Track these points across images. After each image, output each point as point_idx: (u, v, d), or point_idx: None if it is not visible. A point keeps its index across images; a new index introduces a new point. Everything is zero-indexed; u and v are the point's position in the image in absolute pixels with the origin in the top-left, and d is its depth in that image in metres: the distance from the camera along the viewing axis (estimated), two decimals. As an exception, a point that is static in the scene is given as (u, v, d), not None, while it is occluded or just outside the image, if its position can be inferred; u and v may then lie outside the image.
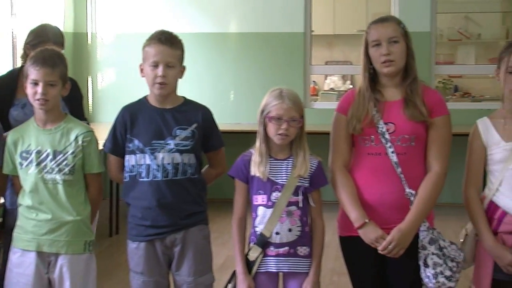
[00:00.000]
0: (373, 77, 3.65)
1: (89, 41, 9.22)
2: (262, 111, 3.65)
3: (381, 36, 3.58)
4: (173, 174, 3.72)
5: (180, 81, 3.78)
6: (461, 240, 3.72)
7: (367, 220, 3.51)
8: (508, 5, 10.79)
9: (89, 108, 9.10)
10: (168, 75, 3.68)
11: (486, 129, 3.65)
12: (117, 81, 9.16)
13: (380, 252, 3.50)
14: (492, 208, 3.59)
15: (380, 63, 3.58)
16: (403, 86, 3.62)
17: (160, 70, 3.66)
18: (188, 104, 3.84)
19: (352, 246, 3.65)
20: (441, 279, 3.50)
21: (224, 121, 4.23)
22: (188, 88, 4.26)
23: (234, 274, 3.69)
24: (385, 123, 3.58)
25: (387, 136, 3.56)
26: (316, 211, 3.69)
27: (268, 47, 8.92)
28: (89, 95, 9.13)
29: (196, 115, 3.81)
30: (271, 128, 3.61)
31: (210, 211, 3.95)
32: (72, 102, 4.45)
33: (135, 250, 3.80)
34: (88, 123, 4.20)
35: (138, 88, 4.16)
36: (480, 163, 3.66)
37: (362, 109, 3.60)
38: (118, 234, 7.48)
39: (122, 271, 5.59)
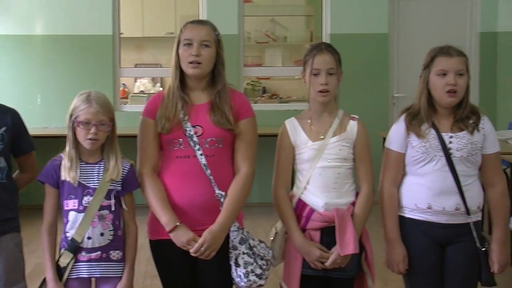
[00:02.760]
0: (181, 79, 3.66)
1: None
2: (71, 116, 3.57)
3: (194, 36, 3.59)
4: (-18, 179, 3.59)
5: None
6: (271, 238, 3.80)
7: (178, 223, 3.51)
8: (311, 9, 11.14)
9: None
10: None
11: (294, 129, 3.74)
12: None
13: (192, 254, 3.52)
14: (300, 206, 3.69)
15: (187, 62, 3.59)
16: (210, 90, 3.64)
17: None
18: (-5, 108, 3.72)
19: (162, 249, 3.65)
20: (252, 277, 3.56)
21: (31, 126, 4.10)
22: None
23: (44, 281, 3.59)
24: (193, 126, 3.60)
25: (195, 138, 3.58)
26: (129, 214, 3.66)
27: (76, 50, 8.73)
28: None
29: (4, 118, 3.69)
30: (80, 133, 3.54)
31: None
32: None
33: None
34: None
35: None
36: (289, 163, 3.75)
37: (171, 108, 3.60)
38: None
39: None
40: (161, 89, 11.30)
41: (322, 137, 3.69)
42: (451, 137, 3.61)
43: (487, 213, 3.96)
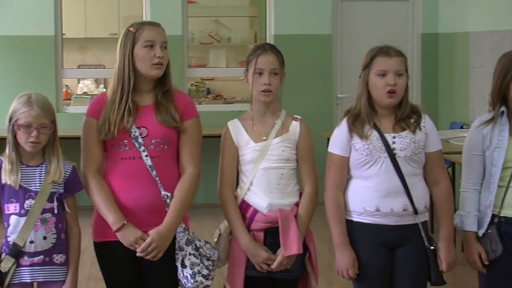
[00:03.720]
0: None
1: None
2: (11, 118, 3.51)
3: (156, 38, 3.58)
4: None
5: None
6: (215, 239, 3.79)
7: (125, 222, 3.49)
8: (255, 10, 11.15)
9: None
10: None
11: (237, 130, 3.74)
12: None
13: (138, 254, 3.50)
14: (244, 207, 3.69)
15: (151, 64, 3.57)
16: (155, 91, 3.63)
17: None
18: None
19: (107, 251, 3.62)
20: (199, 278, 3.55)
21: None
22: None
23: (-15, 288, 3.53)
24: (138, 128, 3.58)
25: (140, 140, 3.56)
26: (72, 217, 3.62)
27: (18, 51, 8.61)
28: None
29: None
30: (21, 136, 3.49)
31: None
32: None
33: None
34: None
35: None
36: (233, 164, 3.75)
37: (117, 112, 3.57)
38: None
39: None
40: (104, 90, 11.19)
41: (264, 138, 3.70)
42: (394, 137, 3.63)
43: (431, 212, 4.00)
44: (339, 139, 3.70)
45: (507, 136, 3.68)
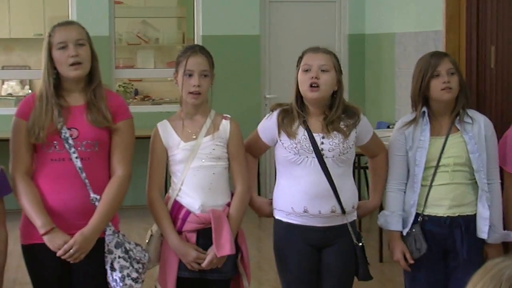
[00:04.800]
0: (56, 83, 3.58)
1: None
2: None
3: (68, 38, 3.53)
4: None
5: None
6: (147, 241, 3.77)
7: (53, 226, 3.45)
8: (183, 11, 11.12)
9: None
10: None
11: (166, 131, 3.73)
12: None
13: (60, 256, 3.45)
14: (176, 208, 3.67)
15: (67, 65, 3.52)
16: (87, 90, 3.60)
17: None
18: None
19: (34, 254, 3.57)
20: (128, 281, 3.53)
21: None
22: None
23: None
24: (68, 129, 3.53)
25: (70, 141, 3.52)
26: (-1, 220, 3.57)
27: None
28: None
29: None
30: None
31: None
32: None
33: None
34: None
35: None
36: (162, 165, 3.74)
37: (45, 117, 3.51)
38: None
39: None
40: (30, 91, 11.04)
41: (194, 137, 3.69)
42: (323, 137, 3.67)
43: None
44: (267, 129, 3.78)
45: (428, 136, 3.75)
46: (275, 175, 3.88)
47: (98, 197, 3.52)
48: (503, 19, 5.02)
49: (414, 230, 3.76)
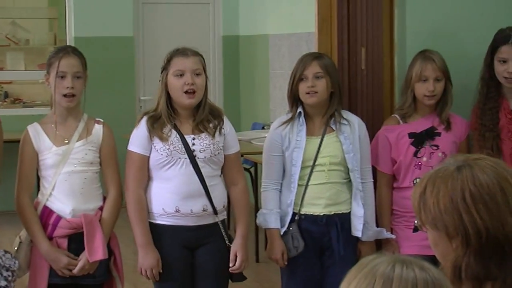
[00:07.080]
0: None
1: None
2: None
3: None
4: None
5: None
6: (15, 248, 3.68)
7: None
8: (55, 12, 10.92)
9: None
10: None
11: (37, 134, 3.65)
12: None
13: None
14: (46, 213, 3.61)
15: None
16: None
17: None
18: None
19: None
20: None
21: None
22: None
23: None
24: None
25: None
26: None
27: None
28: None
29: None
30: None
31: None
32: None
33: None
34: None
35: None
36: (32, 169, 3.67)
37: None
38: None
39: None
40: None
41: (66, 141, 3.63)
42: (193, 138, 3.66)
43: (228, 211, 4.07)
44: (139, 138, 3.70)
45: (304, 136, 3.80)
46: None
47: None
48: (373, 21, 5.14)
49: (291, 228, 3.80)
